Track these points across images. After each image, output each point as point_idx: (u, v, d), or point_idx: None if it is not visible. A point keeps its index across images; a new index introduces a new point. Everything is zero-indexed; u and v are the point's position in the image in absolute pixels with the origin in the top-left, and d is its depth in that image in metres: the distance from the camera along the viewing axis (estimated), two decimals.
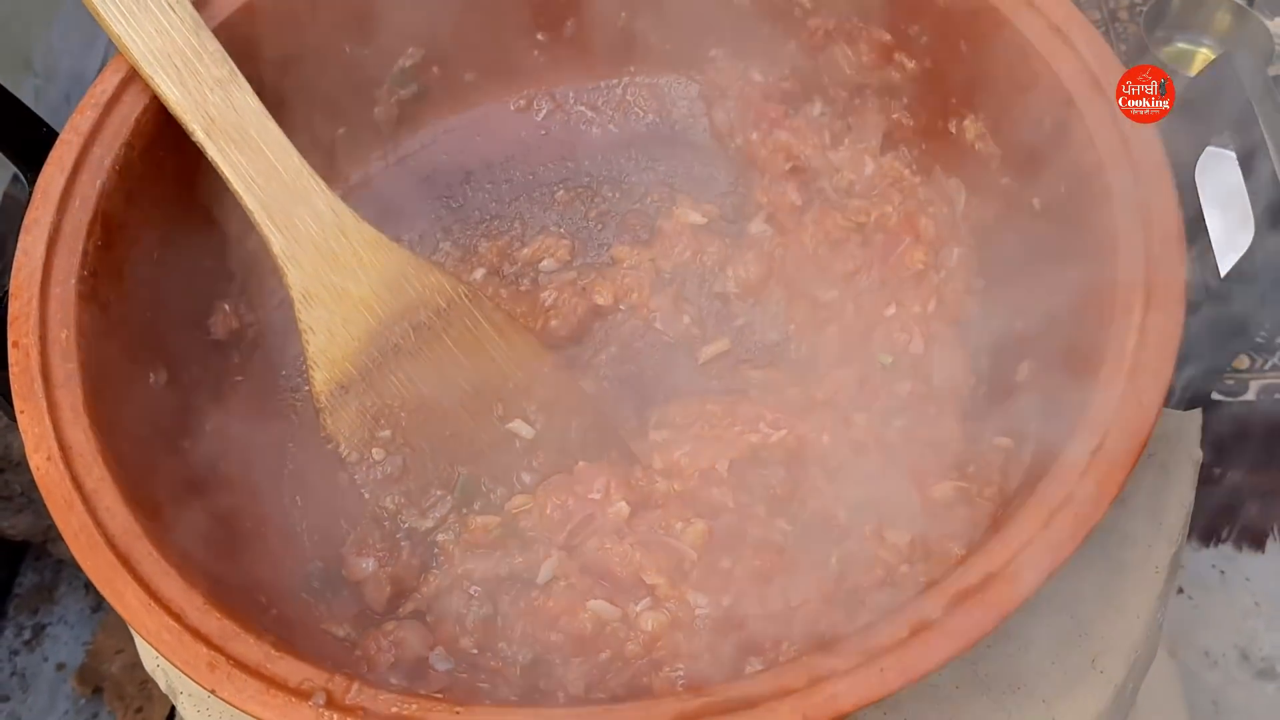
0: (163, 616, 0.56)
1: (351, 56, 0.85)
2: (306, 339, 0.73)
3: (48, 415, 0.62)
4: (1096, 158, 0.68)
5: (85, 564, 0.58)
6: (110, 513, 0.60)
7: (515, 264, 0.90)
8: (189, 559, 0.61)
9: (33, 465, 0.61)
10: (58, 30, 1.56)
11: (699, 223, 0.89)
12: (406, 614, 0.73)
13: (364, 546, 0.74)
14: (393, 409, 0.74)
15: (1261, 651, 1.52)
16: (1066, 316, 0.69)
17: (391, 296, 0.75)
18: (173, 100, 0.71)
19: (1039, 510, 0.57)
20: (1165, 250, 0.64)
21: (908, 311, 0.81)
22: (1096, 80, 0.70)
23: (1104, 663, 0.73)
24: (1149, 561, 0.77)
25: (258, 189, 0.72)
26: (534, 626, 0.70)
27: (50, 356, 0.64)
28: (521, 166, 0.94)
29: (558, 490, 0.74)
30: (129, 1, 0.71)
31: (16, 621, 1.56)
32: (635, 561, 0.71)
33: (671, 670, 0.68)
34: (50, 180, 0.69)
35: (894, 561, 0.71)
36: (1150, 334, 0.62)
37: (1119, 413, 0.59)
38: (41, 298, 0.66)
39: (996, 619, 0.54)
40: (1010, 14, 0.73)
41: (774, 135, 0.87)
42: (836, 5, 0.84)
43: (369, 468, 0.74)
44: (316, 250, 0.73)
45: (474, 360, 0.77)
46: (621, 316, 0.86)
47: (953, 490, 0.72)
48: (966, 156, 0.80)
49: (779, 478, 0.76)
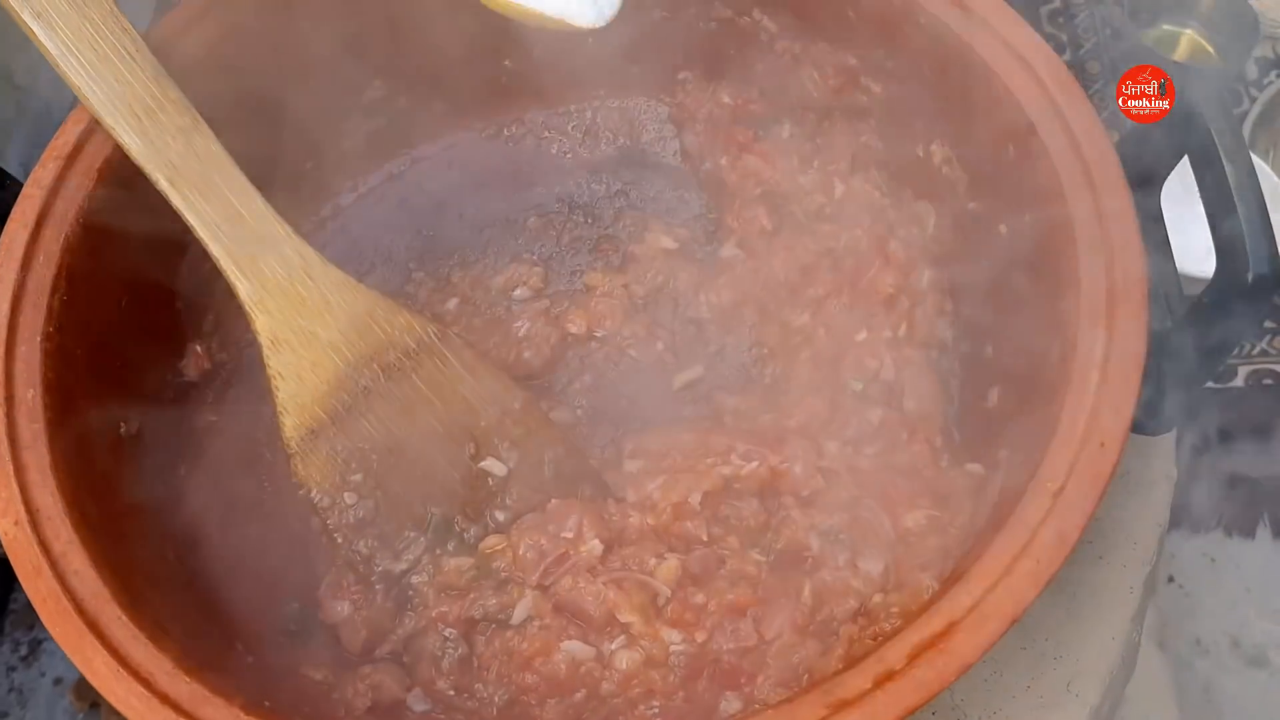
0: (131, 683, 0.57)
1: (317, 93, 0.85)
2: (276, 385, 0.73)
3: (14, 479, 0.62)
4: (1058, 186, 0.68)
5: (54, 631, 0.58)
6: (79, 576, 0.60)
7: (488, 293, 0.89)
8: (161, 616, 0.62)
9: (0, 530, 0.61)
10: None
11: (671, 247, 0.89)
12: (383, 655, 0.73)
13: (339, 590, 0.74)
14: (364, 452, 0.75)
15: (1253, 639, 1.52)
16: (1033, 345, 0.70)
17: (360, 338, 0.75)
18: (135, 150, 0.71)
19: (1001, 556, 0.57)
20: (1127, 286, 0.64)
21: (878, 336, 0.81)
22: (1059, 108, 0.70)
23: (1079, 686, 0.73)
24: (1124, 582, 0.77)
25: (223, 236, 0.72)
26: (509, 668, 0.71)
27: (17, 418, 0.64)
28: (493, 194, 0.94)
29: (531, 530, 0.74)
30: (88, 52, 0.71)
31: (13, 638, 1.56)
32: (609, 600, 0.71)
33: (647, 708, 0.69)
34: (13, 237, 0.69)
35: (867, 591, 0.72)
36: (1113, 369, 0.62)
37: (1081, 453, 0.60)
38: (7, 357, 0.66)
39: (959, 669, 0.55)
40: (972, 41, 0.73)
41: (743, 160, 0.87)
42: (803, 29, 0.84)
43: (341, 512, 0.74)
44: (284, 295, 0.73)
45: (444, 399, 0.77)
46: (595, 344, 0.86)
47: (925, 519, 0.73)
48: (934, 180, 0.80)
49: (752, 509, 0.76)
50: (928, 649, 0.55)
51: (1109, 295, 0.64)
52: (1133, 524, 0.79)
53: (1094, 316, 0.63)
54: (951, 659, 0.55)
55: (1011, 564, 0.57)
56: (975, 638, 0.55)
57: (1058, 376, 0.64)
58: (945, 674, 0.55)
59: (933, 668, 0.55)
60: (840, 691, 0.55)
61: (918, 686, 0.55)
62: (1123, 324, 0.63)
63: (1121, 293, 0.64)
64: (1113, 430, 0.60)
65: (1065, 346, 0.65)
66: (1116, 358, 0.62)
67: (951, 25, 0.74)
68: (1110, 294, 0.64)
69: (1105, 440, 0.60)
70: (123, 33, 0.72)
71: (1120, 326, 0.63)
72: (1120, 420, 0.60)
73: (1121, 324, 0.63)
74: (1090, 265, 0.65)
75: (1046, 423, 0.63)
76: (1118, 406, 0.61)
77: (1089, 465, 0.59)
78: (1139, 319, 0.63)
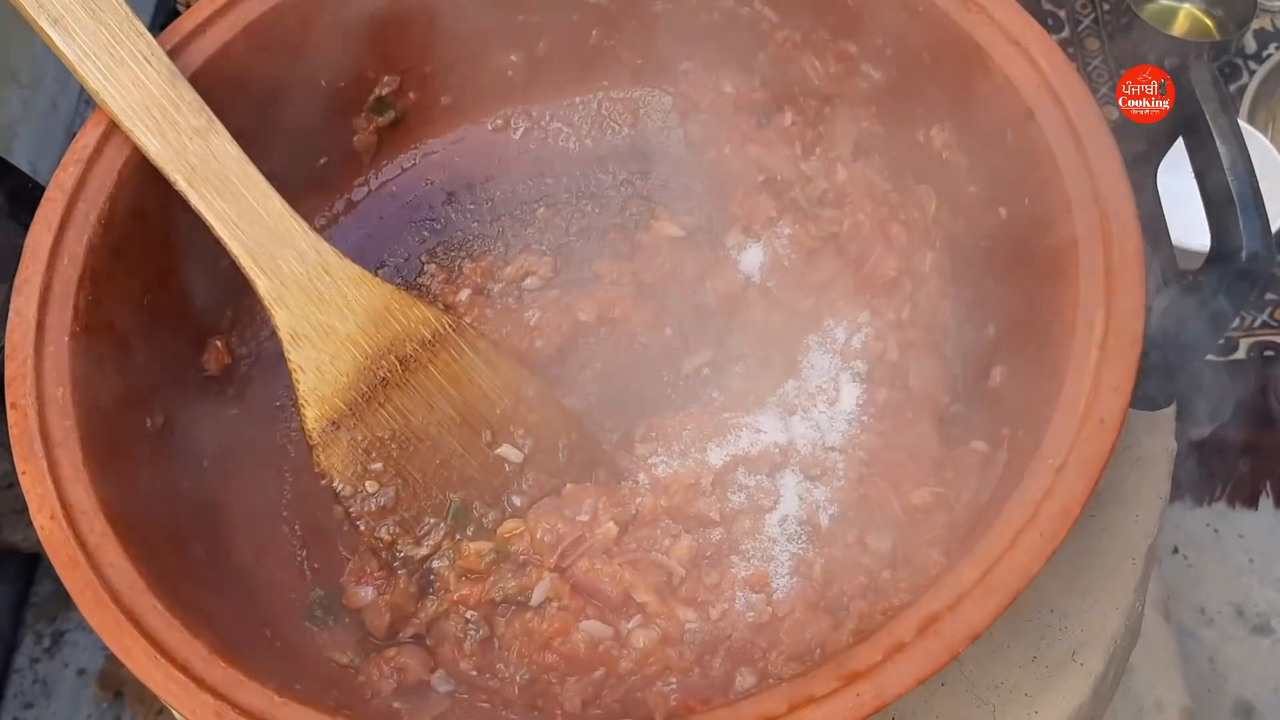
0: (169, 669, 0.59)
1: (328, 90, 0.87)
2: (296, 378, 0.75)
3: (48, 475, 0.64)
4: (1056, 171, 0.70)
5: (93, 621, 0.60)
6: (114, 568, 0.62)
7: (500, 283, 0.91)
8: (194, 604, 0.64)
9: (36, 525, 0.63)
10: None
11: (678, 235, 0.90)
12: (407, 638, 0.75)
13: (362, 575, 0.76)
14: (383, 441, 0.76)
15: (1256, 607, 1.55)
16: (1033, 326, 0.71)
17: (377, 331, 0.76)
18: (153, 151, 0.73)
19: (1006, 531, 0.59)
20: (1124, 265, 0.65)
21: (882, 319, 0.82)
22: (1056, 94, 0.71)
23: (1083, 655, 0.75)
24: (1126, 554, 0.79)
25: (241, 234, 0.74)
26: (530, 648, 0.73)
27: (48, 415, 0.66)
28: (502, 185, 0.96)
29: (547, 514, 0.76)
30: (105, 56, 0.73)
31: (35, 630, 1.59)
32: (625, 580, 0.73)
33: (664, 684, 0.71)
34: (38, 239, 0.71)
35: (876, 568, 0.74)
36: (1111, 348, 0.63)
37: (1081, 431, 0.61)
38: (37, 357, 0.68)
39: (967, 639, 0.57)
40: (970, 28, 0.74)
41: (746, 149, 0.89)
42: (803, 18, 0.85)
43: (363, 500, 0.76)
44: (302, 290, 0.75)
45: (461, 389, 0.78)
46: (605, 331, 0.88)
47: (931, 496, 0.75)
48: (935, 164, 0.82)
49: (762, 488, 0.78)
50: (936, 621, 0.57)
51: (1106, 275, 0.65)
52: (1134, 497, 0.80)
53: (1092, 296, 0.65)
54: (959, 630, 0.57)
55: (1016, 538, 0.59)
56: (982, 609, 0.57)
57: (1058, 355, 0.66)
58: (954, 644, 0.56)
59: (941, 638, 0.57)
60: (852, 664, 0.57)
61: (927, 657, 0.56)
62: (1120, 303, 0.64)
63: (1119, 273, 0.65)
64: (1112, 407, 0.62)
65: (1064, 326, 0.66)
66: (1114, 336, 0.63)
67: (949, 12, 0.75)
68: (1108, 274, 0.65)
69: (1105, 417, 0.61)
70: (138, 36, 0.74)
71: (1118, 305, 0.64)
72: (1119, 398, 0.62)
73: (1119, 303, 0.64)
74: (1087, 246, 0.67)
75: (1048, 400, 0.64)
76: (1117, 384, 0.62)
77: (1089, 442, 0.61)
78: (1136, 298, 0.64)
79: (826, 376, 0.82)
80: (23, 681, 1.56)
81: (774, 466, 0.79)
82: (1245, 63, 1.58)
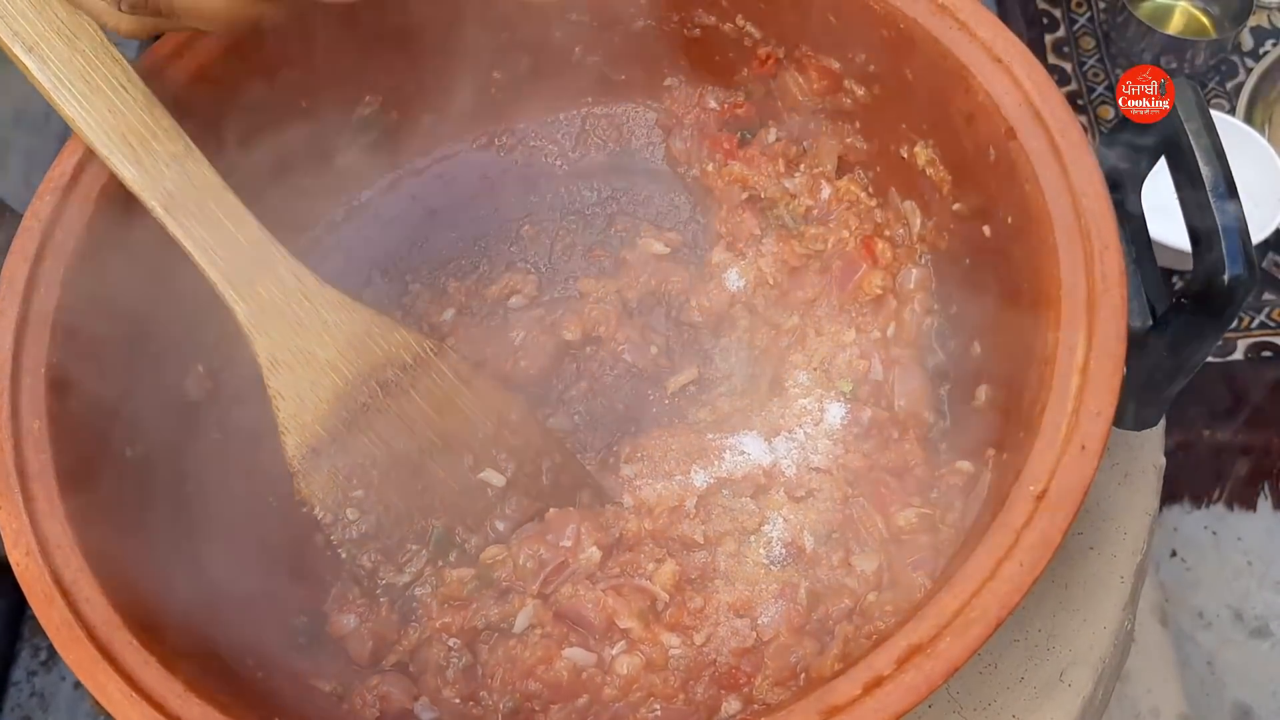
0: (145, 707, 0.58)
1: (309, 111, 0.86)
2: (276, 405, 0.74)
3: (24, 510, 0.64)
4: (1038, 188, 0.69)
5: (68, 658, 0.60)
6: (90, 604, 0.62)
7: (484, 302, 0.91)
8: (172, 638, 0.64)
9: (12, 561, 0.62)
10: None
11: (662, 252, 0.90)
12: (390, 666, 0.75)
13: (344, 603, 0.76)
14: (364, 467, 0.76)
15: (1255, 610, 1.54)
16: (1017, 345, 0.70)
17: (358, 356, 0.76)
18: (130, 179, 0.72)
19: (986, 560, 0.59)
20: (1107, 288, 0.64)
21: (867, 337, 0.82)
22: (1038, 112, 0.70)
23: (1072, 675, 0.75)
24: (1114, 572, 0.78)
25: (220, 261, 0.73)
26: (513, 675, 0.72)
27: (24, 449, 0.66)
28: (485, 204, 0.95)
29: (530, 539, 0.76)
30: (80, 83, 0.72)
31: (32, 643, 1.59)
32: (608, 606, 0.73)
33: (649, 711, 0.71)
34: (14, 270, 0.71)
35: (861, 590, 0.73)
36: (1093, 373, 0.63)
37: (1062, 457, 0.61)
38: (13, 390, 0.67)
39: (946, 673, 0.56)
40: (952, 45, 0.74)
41: (729, 166, 0.88)
42: (785, 35, 0.84)
43: (344, 527, 0.76)
44: (281, 317, 0.74)
45: (442, 413, 0.78)
46: (590, 350, 0.88)
47: (916, 517, 0.74)
48: (919, 181, 0.81)
49: (746, 510, 0.78)
50: (915, 654, 0.57)
51: (1088, 298, 0.64)
52: (1122, 514, 0.80)
53: (1074, 319, 0.64)
54: (938, 663, 0.56)
55: (996, 568, 0.58)
56: (961, 642, 0.57)
57: (1039, 378, 0.65)
58: (933, 678, 0.56)
59: (920, 672, 0.56)
60: (831, 698, 0.56)
61: (906, 691, 0.56)
62: (1102, 326, 0.63)
63: (1101, 295, 0.64)
64: (1093, 433, 0.61)
65: (1046, 349, 0.65)
66: (1096, 361, 0.63)
67: (932, 29, 0.75)
68: (1090, 296, 0.64)
69: (1086, 443, 0.61)
70: (113, 63, 0.73)
71: (1100, 329, 0.63)
72: (1101, 423, 0.61)
73: (1101, 326, 0.63)
74: (1070, 267, 0.66)
75: (1029, 424, 0.64)
76: (1098, 409, 0.61)
77: (1071, 468, 0.60)
78: (1118, 322, 0.63)
79: (811, 395, 0.82)
80: (20, 695, 1.55)
81: (758, 488, 0.79)
82: (1242, 60, 1.58)
